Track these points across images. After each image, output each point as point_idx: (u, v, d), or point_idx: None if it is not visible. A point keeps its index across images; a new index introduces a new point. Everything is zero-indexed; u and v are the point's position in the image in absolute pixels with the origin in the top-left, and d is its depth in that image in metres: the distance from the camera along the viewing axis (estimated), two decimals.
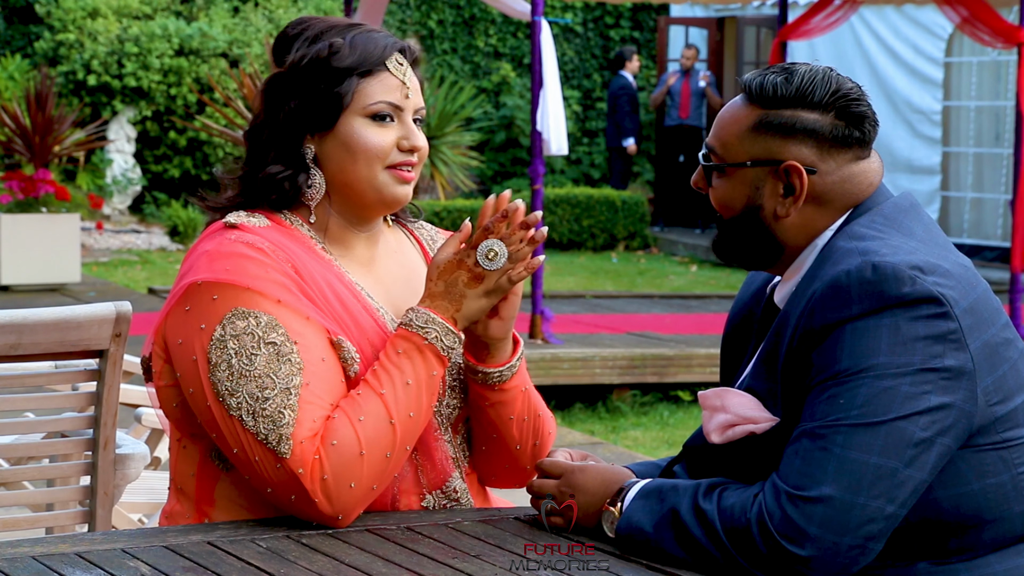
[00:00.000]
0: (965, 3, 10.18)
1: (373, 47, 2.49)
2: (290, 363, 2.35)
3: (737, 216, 2.34)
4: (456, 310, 2.44)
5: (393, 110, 2.49)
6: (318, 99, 2.47)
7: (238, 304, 2.36)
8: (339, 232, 2.54)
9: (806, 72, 2.31)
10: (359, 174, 2.48)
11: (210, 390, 2.36)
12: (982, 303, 2.23)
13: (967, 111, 15.01)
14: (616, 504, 2.28)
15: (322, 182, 2.49)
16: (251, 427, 2.33)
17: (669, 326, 11.07)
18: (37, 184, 12.06)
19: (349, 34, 2.50)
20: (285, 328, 2.36)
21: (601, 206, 16.22)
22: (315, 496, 2.32)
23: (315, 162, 2.49)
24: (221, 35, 16.83)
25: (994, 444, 2.22)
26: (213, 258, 2.41)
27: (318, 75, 2.47)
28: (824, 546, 2.10)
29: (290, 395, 2.33)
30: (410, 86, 2.51)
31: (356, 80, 2.47)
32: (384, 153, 2.48)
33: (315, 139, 2.49)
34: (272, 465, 2.33)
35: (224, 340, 2.35)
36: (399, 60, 2.51)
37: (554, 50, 9.69)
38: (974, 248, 14.51)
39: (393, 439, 2.37)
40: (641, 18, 20.19)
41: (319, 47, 2.48)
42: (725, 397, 2.31)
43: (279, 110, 2.49)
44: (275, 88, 2.51)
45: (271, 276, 2.39)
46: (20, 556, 2.16)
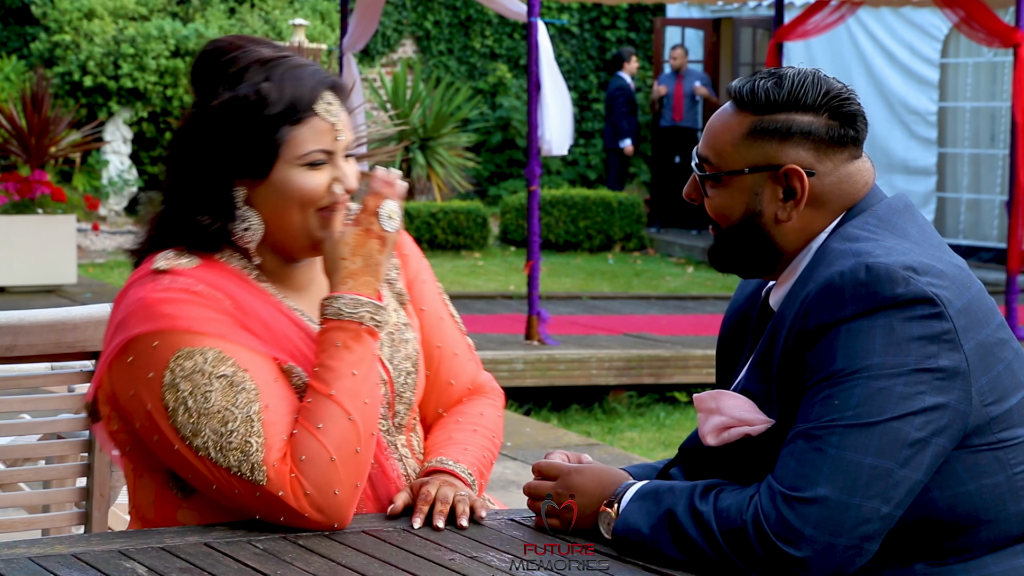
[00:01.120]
0: (962, 4, 10.19)
1: (301, 90, 2.43)
2: (245, 391, 2.34)
3: (736, 225, 2.34)
4: (376, 280, 2.45)
5: (326, 155, 2.45)
6: (249, 147, 2.42)
7: (181, 345, 2.34)
8: (274, 265, 2.51)
9: (795, 75, 2.32)
10: (292, 219, 2.45)
11: (174, 435, 2.35)
12: (976, 303, 2.23)
13: (963, 112, 15.01)
14: (613, 506, 2.28)
15: (259, 225, 2.46)
16: (222, 463, 2.32)
17: (665, 327, 11.07)
18: (33, 185, 12.05)
19: (276, 73, 2.43)
20: (233, 359, 2.35)
21: (597, 207, 16.22)
22: (304, 511, 2.32)
23: (247, 204, 2.45)
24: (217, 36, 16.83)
25: (990, 445, 2.22)
26: (148, 306, 2.38)
27: (247, 122, 2.41)
28: (820, 547, 2.10)
29: (253, 422, 2.33)
30: (340, 127, 2.47)
31: (287, 128, 2.42)
32: (318, 198, 2.45)
33: (245, 184, 2.45)
34: (252, 494, 2.33)
35: (175, 383, 2.34)
36: (328, 100, 2.46)
37: (551, 50, 9.69)
38: (970, 249, 14.51)
39: (357, 433, 2.37)
40: (637, 19, 20.20)
41: (246, 91, 2.41)
42: (720, 399, 2.31)
43: (205, 151, 2.44)
44: (201, 128, 2.44)
45: (210, 315, 2.37)
46: (16, 557, 2.16)
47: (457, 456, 2.58)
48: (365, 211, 2.45)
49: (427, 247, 15.38)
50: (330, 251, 2.45)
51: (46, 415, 3.43)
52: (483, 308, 11.83)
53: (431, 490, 2.46)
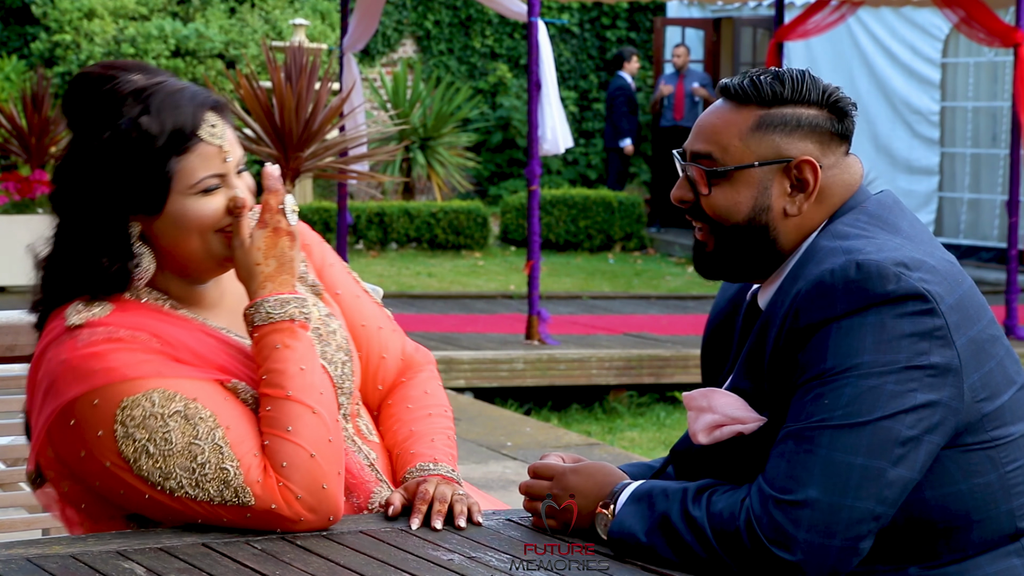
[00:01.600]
0: (962, 4, 10.19)
1: (183, 118, 2.37)
2: (203, 420, 2.32)
3: (740, 223, 2.31)
4: (292, 276, 2.44)
5: (219, 179, 2.41)
6: (139, 184, 2.36)
7: (123, 396, 2.30)
8: (182, 291, 2.48)
9: (793, 72, 2.32)
10: (192, 245, 2.41)
11: (143, 484, 2.31)
12: (968, 299, 2.23)
13: (964, 112, 15.01)
14: (609, 507, 2.28)
15: (150, 263, 2.41)
16: (202, 496, 2.31)
17: (666, 327, 11.07)
18: (33, 185, 12.05)
19: (153, 103, 2.36)
20: (179, 393, 2.32)
21: (598, 207, 16.21)
22: (300, 516, 2.32)
23: (142, 239, 2.41)
24: (217, 36, 16.83)
25: (982, 443, 2.22)
26: (75, 366, 2.33)
27: (133, 159, 2.35)
28: (813, 549, 2.10)
29: (221, 448, 2.31)
30: (227, 147, 2.42)
31: (175, 160, 2.36)
32: (216, 222, 2.41)
33: (140, 219, 2.39)
34: (243, 516, 2.32)
35: (130, 435, 2.30)
36: (211, 123, 2.40)
37: (551, 51, 9.69)
38: (970, 249, 14.51)
39: (325, 424, 2.36)
40: (638, 19, 20.19)
41: (125, 127, 2.35)
42: (711, 397, 2.31)
43: (94, 191, 2.37)
44: (85, 167, 2.37)
45: (141, 358, 2.33)
46: (14, 558, 2.16)
47: (432, 454, 2.58)
48: (269, 211, 2.42)
49: (427, 247, 15.38)
50: (243, 258, 2.41)
51: None
52: (483, 308, 11.83)
53: (429, 489, 2.46)
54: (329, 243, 12.44)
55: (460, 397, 8.69)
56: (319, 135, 8.97)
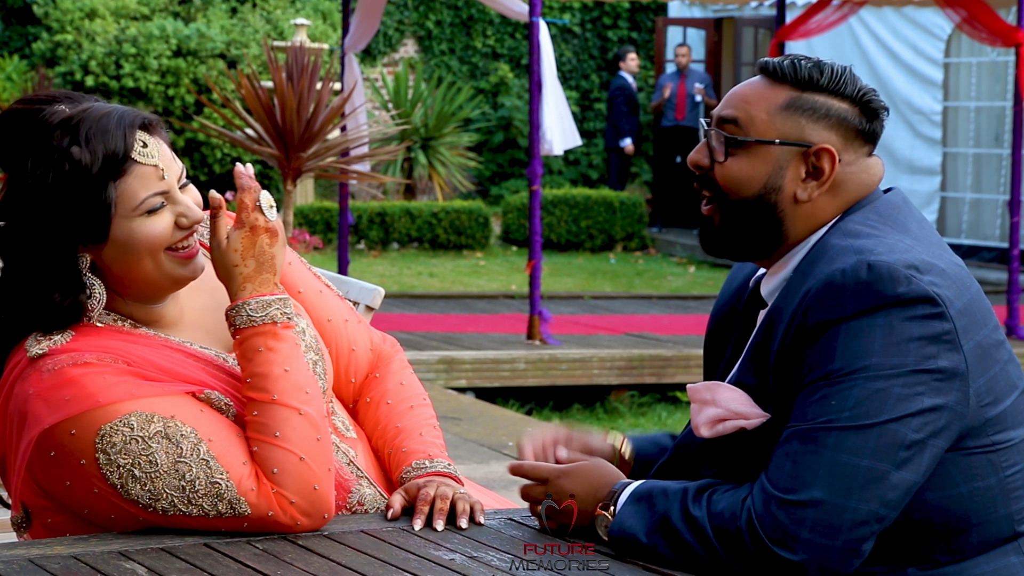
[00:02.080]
0: (964, 4, 10.18)
1: (113, 142, 2.32)
2: (184, 437, 2.29)
3: (749, 199, 2.30)
4: (273, 275, 2.40)
5: (161, 197, 2.36)
6: (80, 215, 2.31)
7: (100, 424, 2.27)
8: (140, 312, 2.44)
9: (834, 66, 2.33)
10: (144, 268, 2.37)
11: (134, 507, 2.30)
12: (975, 304, 2.22)
13: (966, 112, 15.01)
14: (609, 508, 2.27)
15: (102, 292, 2.38)
16: (195, 512, 2.30)
17: (667, 327, 11.06)
18: None
19: (81, 132, 2.32)
20: (155, 412, 2.29)
21: (599, 207, 16.21)
22: (296, 520, 2.32)
23: (92, 268, 2.37)
24: (219, 36, 16.83)
25: (983, 447, 2.21)
26: (46, 398, 2.29)
27: (70, 192, 2.30)
28: (815, 550, 2.10)
29: (208, 463, 2.29)
30: (163, 164, 2.37)
31: (112, 185, 2.32)
32: (164, 241, 2.37)
33: (89, 249, 2.36)
34: (240, 525, 2.32)
35: (112, 461, 2.27)
36: (142, 141, 2.35)
37: (552, 50, 9.69)
38: (972, 249, 14.51)
39: (313, 424, 2.35)
40: (639, 19, 20.19)
41: (57, 160, 2.30)
42: (716, 391, 2.30)
43: (37, 227, 2.33)
44: (25, 204, 2.33)
45: (110, 381, 2.29)
46: (16, 558, 2.16)
47: (426, 450, 2.57)
48: (244, 210, 2.38)
49: (429, 247, 15.39)
50: (220, 260, 2.38)
51: None
52: (485, 308, 11.83)
53: (430, 491, 2.45)
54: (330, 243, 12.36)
55: (462, 397, 8.69)
56: (320, 135, 8.98)
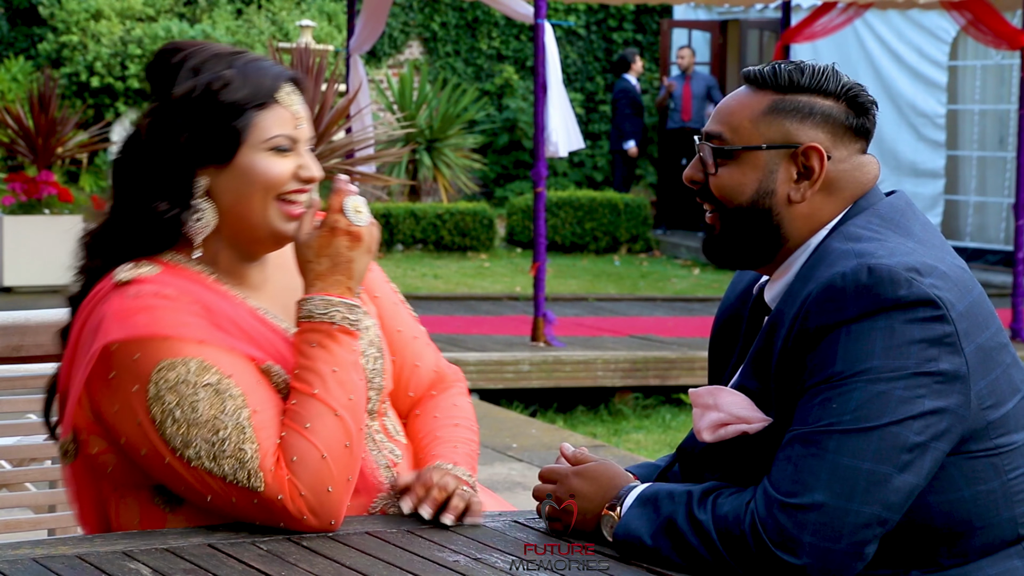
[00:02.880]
0: (969, 6, 10.18)
1: (263, 79, 2.44)
2: (232, 397, 2.33)
3: (744, 206, 2.31)
4: (348, 278, 2.43)
5: (290, 142, 2.46)
6: (214, 133, 2.41)
7: (162, 357, 2.32)
8: (230, 264, 2.49)
9: (815, 65, 2.33)
10: (254, 206, 2.43)
11: (164, 447, 2.33)
12: (977, 306, 2.22)
13: (971, 115, 15.00)
14: (615, 509, 2.28)
15: (212, 216, 2.44)
16: (216, 472, 2.31)
17: (671, 329, 11.07)
18: (40, 186, 12.06)
19: (237, 63, 2.45)
20: (215, 366, 2.33)
21: (604, 209, 16.21)
22: (302, 515, 2.33)
23: (207, 195, 2.44)
24: (224, 37, 16.84)
25: (986, 451, 2.21)
26: (121, 316, 2.35)
27: (211, 109, 2.41)
28: (818, 553, 2.10)
29: (244, 429, 2.32)
30: (301, 116, 2.49)
31: (252, 113, 2.43)
32: (281, 183, 2.44)
33: (208, 172, 2.43)
34: (249, 501, 2.32)
35: (160, 396, 2.31)
36: (289, 91, 2.48)
37: (557, 52, 9.69)
38: (977, 252, 14.50)
39: (346, 429, 2.37)
40: (644, 21, 20.19)
41: (208, 79, 2.42)
42: (718, 395, 2.30)
43: (167, 143, 2.42)
44: (161, 121, 2.43)
45: (185, 320, 2.35)
46: (20, 558, 2.17)
47: (453, 457, 2.58)
48: (330, 210, 2.44)
49: (433, 248, 15.39)
50: (298, 253, 2.44)
51: (52, 415, 3.43)
52: (489, 310, 11.83)
53: (433, 477, 2.46)
54: None
55: None
56: (325, 136, 8.99)
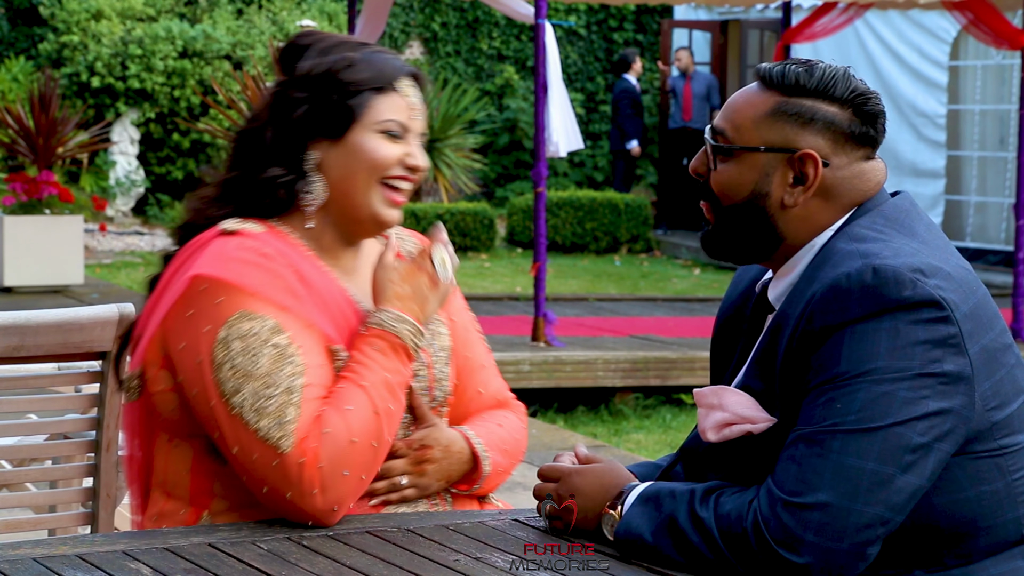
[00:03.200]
0: (971, 6, 10.18)
1: (385, 66, 2.56)
2: (293, 364, 2.39)
3: (739, 204, 2.31)
4: (421, 311, 2.53)
5: (401, 129, 2.56)
6: (330, 108, 2.53)
7: (244, 307, 2.40)
8: (332, 244, 2.58)
9: (827, 67, 2.32)
10: (358, 185, 2.53)
11: (214, 389, 2.39)
12: (981, 308, 2.22)
13: (971, 115, 15.00)
14: (616, 508, 2.28)
15: (322, 190, 2.54)
16: (253, 424, 2.36)
17: (672, 329, 11.06)
18: (40, 186, 12.06)
19: (363, 51, 2.57)
20: (288, 333, 2.41)
21: (604, 209, 16.21)
22: (313, 487, 2.35)
23: (317, 169, 2.54)
24: (225, 37, 16.84)
25: (990, 451, 2.21)
26: (218, 258, 2.44)
27: (331, 86, 2.53)
28: (821, 553, 2.09)
29: (293, 394, 2.37)
30: (417, 108, 2.59)
31: (369, 95, 2.53)
32: (388, 166, 2.54)
33: (321, 146, 2.54)
34: (269, 462, 2.35)
35: (228, 340, 2.39)
36: (409, 83, 2.59)
37: (558, 53, 9.69)
38: (977, 252, 14.49)
39: (379, 429, 2.42)
40: (645, 21, 20.19)
41: (334, 59, 2.54)
42: (722, 395, 2.30)
43: (286, 115, 2.54)
44: (284, 93, 2.56)
45: (275, 282, 2.44)
46: (21, 558, 2.17)
47: (475, 430, 2.65)
48: (420, 254, 2.57)
49: None
50: (380, 273, 2.54)
51: (53, 415, 3.44)
52: (490, 310, 11.83)
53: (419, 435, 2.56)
54: None
55: None
56: None
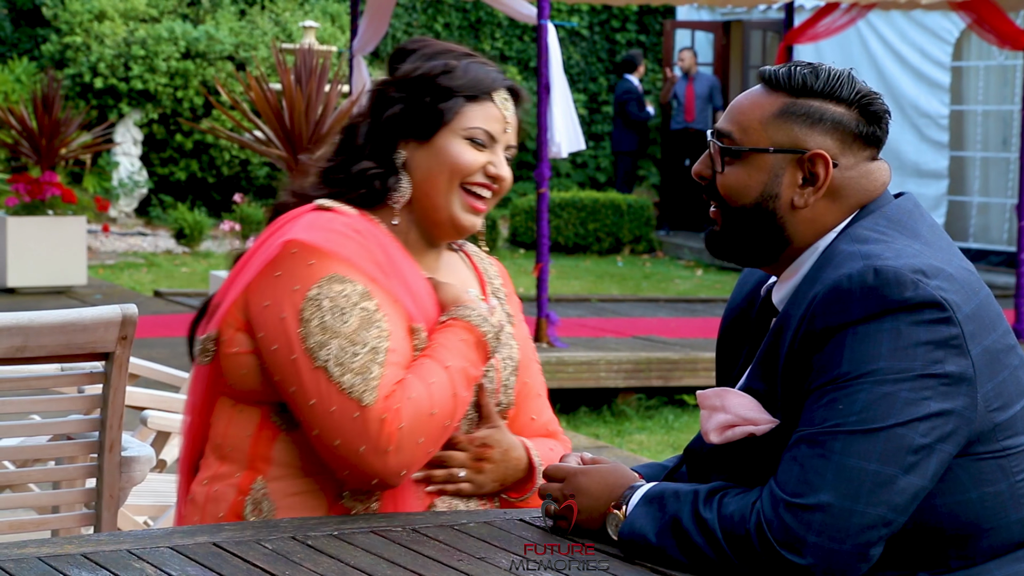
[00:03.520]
0: (975, 6, 10.18)
1: (483, 76, 2.65)
2: (379, 328, 2.47)
3: (748, 206, 2.31)
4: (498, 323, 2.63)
5: (488, 138, 2.64)
6: (422, 110, 2.61)
7: (334, 271, 2.49)
8: (414, 242, 2.66)
9: (831, 69, 2.33)
10: (440, 187, 2.61)
11: (299, 344, 2.46)
12: (984, 309, 2.22)
13: (974, 115, 14.99)
14: (620, 508, 2.28)
15: (408, 187, 2.62)
16: (336, 377, 2.43)
17: (674, 330, 11.07)
18: (43, 187, 12.07)
19: (466, 60, 2.65)
20: (376, 300, 2.49)
21: (607, 210, 16.21)
22: (389, 444, 2.41)
23: (404, 167, 2.62)
24: (227, 38, 16.85)
25: (993, 453, 2.21)
26: (312, 226, 2.53)
27: (427, 89, 2.62)
28: (823, 554, 2.09)
29: (378, 354, 2.45)
30: (510, 122, 2.68)
31: (461, 101, 2.62)
32: (469, 171, 2.61)
33: (409, 146, 2.62)
34: (349, 415, 2.42)
35: (319, 299, 2.47)
36: (505, 96, 2.68)
37: (560, 53, 9.69)
38: (980, 252, 14.49)
39: (454, 410, 2.50)
40: (647, 21, 20.19)
41: (433, 64, 2.63)
42: (725, 397, 2.31)
43: (381, 112, 2.64)
44: (383, 92, 2.66)
45: (365, 255, 2.52)
46: (26, 557, 2.17)
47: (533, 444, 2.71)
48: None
49: None
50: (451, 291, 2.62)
51: (56, 416, 3.44)
52: None
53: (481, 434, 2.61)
54: None
55: None
56: (328, 137, 8.98)
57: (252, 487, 2.55)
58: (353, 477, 2.46)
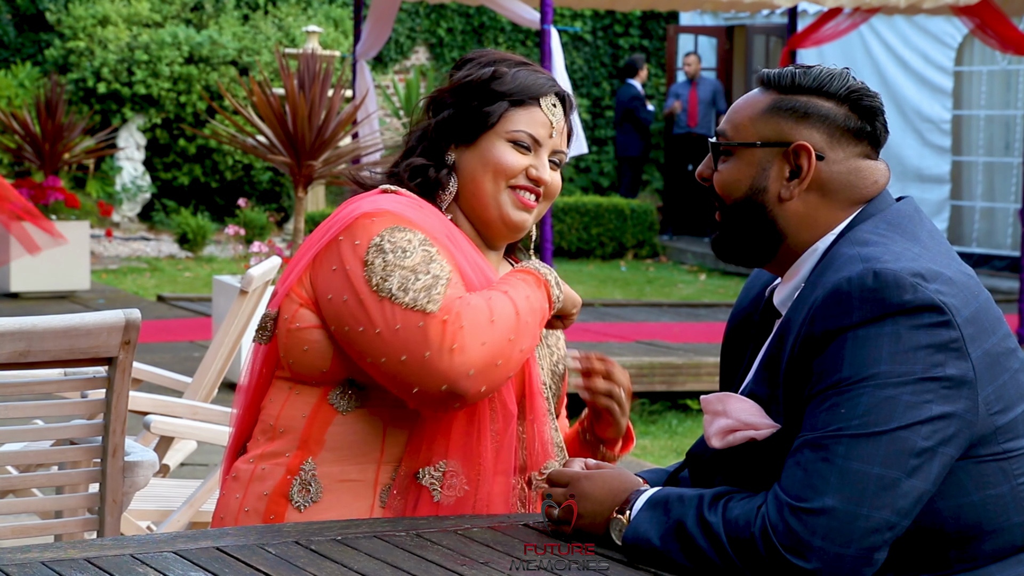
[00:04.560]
0: (978, 11, 10.19)
1: (531, 83, 2.71)
2: (440, 266, 2.54)
3: (739, 200, 2.34)
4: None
5: (532, 142, 2.70)
6: (468, 115, 2.71)
7: (396, 223, 2.57)
8: (472, 239, 2.73)
9: (823, 68, 2.36)
10: (486, 188, 2.69)
11: (364, 285, 2.52)
12: (984, 312, 2.22)
13: (977, 120, 14.99)
14: (624, 512, 2.28)
15: (455, 187, 2.71)
16: (399, 299, 2.50)
17: (677, 335, 11.07)
18: (47, 191, 12.08)
19: (516, 67, 2.73)
20: (437, 248, 2.57)
21: (610, 215, 16.22)
22: (452, 342, 2.46)
23: (453, 168, 2.71)
24: (231, 43, 16.86)
25: (994, 455, 2.21)
26: (375, 200, 2.62)
27: (474, 94, 2.71)
28: (828, 558, 2.10)
29: (439, 281, 2.53)
30: (556, 127, 2.73)
31: (507, 106, 2.69)
32: (512, 173, 2.69)
33: (457, 149, 2.72)
34: (414, 325, 2.47)
35: (381, 244, 2.54)
36: (553, 102, 2.74)
37: (564, 58, 9.69)
38: (983, 257, 14.49)
39: (517, 326, 2.54)
40: (650, 26, 20.20)
41: (485, 71, 2.72)
42: (727, 402, 2.31)
43: (435, 116, 2.75)
44: (437, 99, 2.76)
45: (428, 221, 2.61)
46: (30, 561, 2.17)
47: None
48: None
49: None
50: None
51: (59, 421, 3.44)
52: None
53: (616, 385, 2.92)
54: None
55: None
56: (332, 142, 8.99)
57: (302, 467, 2.59)
58: (423, 391, 2.48)
